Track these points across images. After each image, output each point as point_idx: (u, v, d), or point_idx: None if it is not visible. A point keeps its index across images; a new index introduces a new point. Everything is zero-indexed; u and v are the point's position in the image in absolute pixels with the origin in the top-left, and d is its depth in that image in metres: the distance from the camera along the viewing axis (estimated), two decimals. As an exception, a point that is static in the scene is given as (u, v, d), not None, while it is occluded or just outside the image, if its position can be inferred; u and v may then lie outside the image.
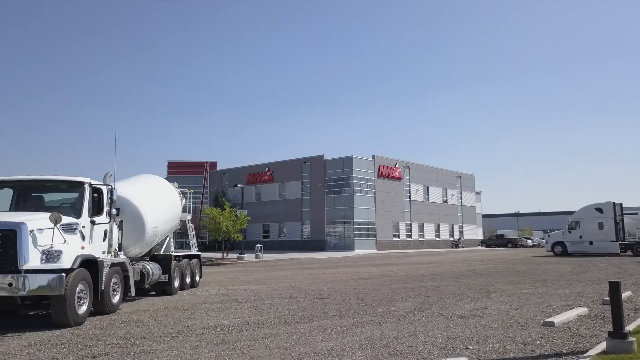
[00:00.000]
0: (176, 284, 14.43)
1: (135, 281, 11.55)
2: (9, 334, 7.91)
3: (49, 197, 10.49)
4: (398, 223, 55.19)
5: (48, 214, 8.66)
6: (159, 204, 14.04)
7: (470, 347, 6.41)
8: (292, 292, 13.98)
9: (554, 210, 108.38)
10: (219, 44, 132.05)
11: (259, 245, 35.91)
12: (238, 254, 34.86)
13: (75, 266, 8.51)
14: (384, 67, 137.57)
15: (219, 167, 63.91)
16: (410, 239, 56.61)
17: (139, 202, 12.64)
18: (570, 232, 35.80)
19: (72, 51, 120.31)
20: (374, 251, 48.28)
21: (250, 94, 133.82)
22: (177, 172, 59.36)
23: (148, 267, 12.80)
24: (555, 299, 11.64)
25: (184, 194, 16.34)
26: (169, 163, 63.14)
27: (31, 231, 8.13)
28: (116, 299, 10.32)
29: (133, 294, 11.36)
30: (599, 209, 35.04)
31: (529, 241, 69.25)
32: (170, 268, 13.95)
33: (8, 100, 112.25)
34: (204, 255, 19.70)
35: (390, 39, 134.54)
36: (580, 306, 9.96)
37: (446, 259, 34.38)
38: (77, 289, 8.59)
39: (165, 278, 13.76)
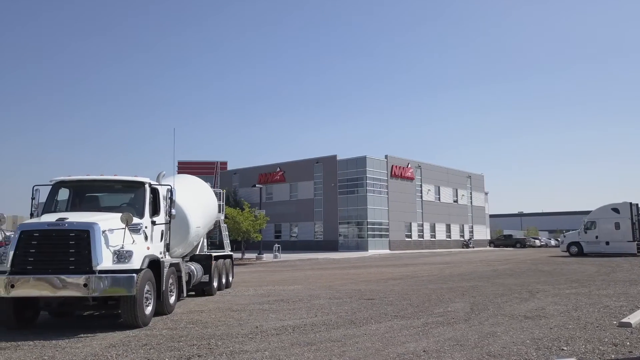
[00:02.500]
0: (215, 284, 14.42)
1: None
2: (81, 335, 7.87)
3: (104, 197, 10.46)
4: (410, 223, 55.21)
5: (116, 214, 8.66)
6: (199, 205, 14.03)
7: (564, 348, 6.39)
8: (332, 293, 13.94)
9: (557, 211, 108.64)
10: (223, 44, 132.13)
11: (276, 245, 35.92)
12: (256, 254, 34.89)
13: (144, 266, 8.50)
14: (386, 67, 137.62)
15: (229, 167, 63.93)
16: (422, 239, 56.62)
17: (182, 202, 12.58)
18: (586, 233, 35.70)
19: (73, 51, 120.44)
20: (388, 251, 48.27)
21: (255, 94, 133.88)
22: (187, 172, 59.06)
23: (192, 267, 12.81)
24: (605, 299, 11.60)
25: (217, 195, 16.35)
26: (179, 163, 63.00)
27: (103, 231, 8.12)
28: (172, 299, 10.30)
29: (185, 294, 11.34)
30: (616, 209, 34.97)
31: (537, 241, 69.27)
32: (211, 268, 13.92)
33: (8, 100, 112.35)
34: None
35: (392, 39, 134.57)
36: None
37: (462, 259, 34.35)
38: (144, 289, 8.57)
39: (205, 278, 13.74)
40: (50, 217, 8.50)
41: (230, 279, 16.40)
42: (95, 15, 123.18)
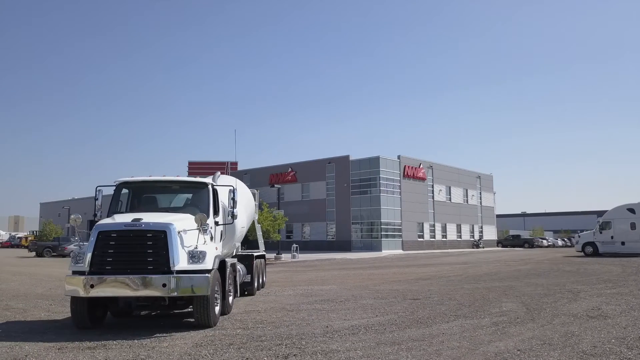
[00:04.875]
0: (256, 284, 14.51)
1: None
2: (157, 335, 7.95)
3: (161, 198, 10.54)
4: (422, 224, 55.31)
5: (186, 215, 8.77)
6: (243, 206, 14.11)
7: (656, 347, 6.49)
8: (372, 293, 13.99)
9: (561, 211, 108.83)
10: (227, 44, 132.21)
11: (295, 245, 36.04)
12: (275, 254, 35.01)
13: (215, 267, 8.60)
14: (385, 67, 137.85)
15: (239, 167, 63.99)
16: (433, 239, 56.74)
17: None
18: (601, 233, 35.79)
19: (73, 51, 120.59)
20: (401, 252, 48.36)
21: (262, 95, 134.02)
22: (198, 172, 59.13)
23: (237, 267, 12.89)
24: (653, 299, 11.70)
25: (253, 195, 16.44)
26: (190, 163, 63.16)
27: (178, 232, 8.21)
28: (231, 299, 10.39)
29: (239, 294, 11.43)
30: (631, 210, 35.08)
31: (544, 241, 69.34)
32: (252, 268, 14.01)
33: (8, 100, 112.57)
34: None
35: (402, 38, 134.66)
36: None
37: (477, 259, 34.43)
38: (214, 289, 8.66)
39: (248, 278, 13.82)
40: (124, 218, 8.58)
41: (265, 279, 16.49)
42: (96, 16, 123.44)
